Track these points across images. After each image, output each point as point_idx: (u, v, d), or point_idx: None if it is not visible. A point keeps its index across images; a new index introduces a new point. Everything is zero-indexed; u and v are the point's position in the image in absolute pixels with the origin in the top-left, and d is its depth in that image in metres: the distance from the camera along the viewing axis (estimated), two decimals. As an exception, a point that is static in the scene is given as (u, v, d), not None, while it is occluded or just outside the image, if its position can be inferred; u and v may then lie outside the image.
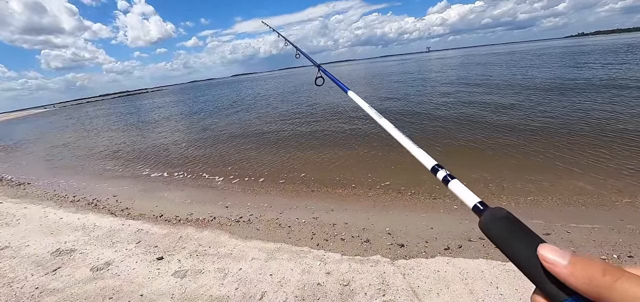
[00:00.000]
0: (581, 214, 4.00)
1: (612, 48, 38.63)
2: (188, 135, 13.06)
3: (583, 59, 26.31)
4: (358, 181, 5.78)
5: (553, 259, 0.32)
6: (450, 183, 0.53)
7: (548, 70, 20.30)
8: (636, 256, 3.07)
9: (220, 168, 7.75)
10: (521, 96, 12.15)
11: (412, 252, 3.31)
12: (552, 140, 6.82)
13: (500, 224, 0.40)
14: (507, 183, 5.09)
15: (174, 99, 47.38)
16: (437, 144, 7.64)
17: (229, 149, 9.63)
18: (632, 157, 5.42)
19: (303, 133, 10.41)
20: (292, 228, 4.12)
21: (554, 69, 20.61)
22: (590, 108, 9.08)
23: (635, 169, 5.00)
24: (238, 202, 5.39)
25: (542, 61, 28.79)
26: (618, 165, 5.22)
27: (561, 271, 0.31)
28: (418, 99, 14.68)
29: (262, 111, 17.45)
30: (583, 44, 66.20)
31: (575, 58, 27.99)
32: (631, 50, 30.53)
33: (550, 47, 69.28)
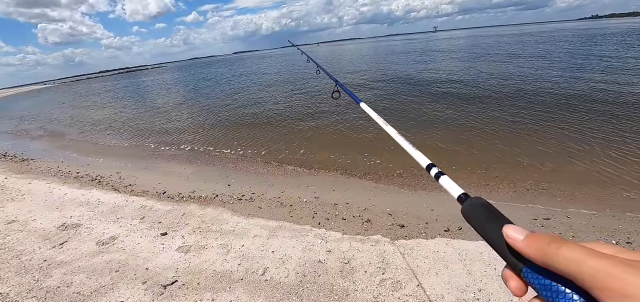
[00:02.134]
0: (583, 200, 4.02)
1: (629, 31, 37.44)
2: (190, 114, 13.00)
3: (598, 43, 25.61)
4: (360, 162, 5.79)
5: (513, 235, 0.37)
6: (441, 179, 0.63)
7: (562, 54, 19.82)
8: (634, 242, 3.10)
9: (222, 147, 7.76)
10: (527, 78, 11.94)
11: (412, 233, 3.35)
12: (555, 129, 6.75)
13: (478, 210, 0.47)
14: (504, 168, 5.09)
15: (175, 76, 46.89)
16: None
17: (231, 127, 9.62)
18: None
19: (304, 113, 10.34)
20: (293, 207, 4.16)
21: (570, 54, 20.12)
22: (599, 98, 8.92)
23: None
24: (240, 181, 5.43)
25: (556, 47, 28.06)
26: (622, 153, 5.18)
27: (519, 245, 0.36)
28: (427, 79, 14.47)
29: (263, 90, 17.29)
30: (598, 27, 64.14)
31: (591, 41, 27.24)
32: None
33: (565, 29, 67.29)
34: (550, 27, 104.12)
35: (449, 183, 0.60)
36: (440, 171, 0.66)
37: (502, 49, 27.00)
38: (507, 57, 20.54)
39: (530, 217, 3.64)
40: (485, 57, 21.57)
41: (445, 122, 7.87)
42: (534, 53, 21.39)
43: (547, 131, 6.40)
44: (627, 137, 5.62)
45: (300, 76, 22.47)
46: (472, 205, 0.49)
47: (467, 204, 0.49)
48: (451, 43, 48.58)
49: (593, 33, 39.41)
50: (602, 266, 0.27)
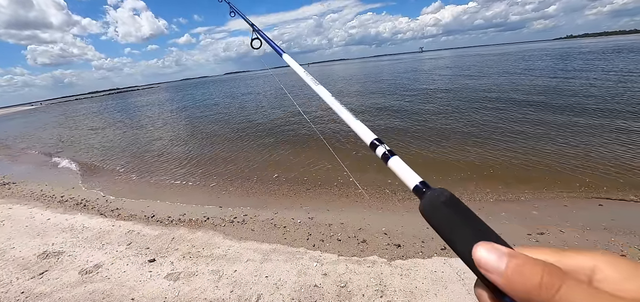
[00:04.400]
0: (574, 212, 4.05)
1: (603, 50, 39.41)
2: (180, 135, 12.86)
3: (578, 59, 26.80)
4: (353, 181, 5.75)
5: (489, 264, 0.27)
6: (390, 160, 0.47)
7: (542, 72, 20.61)
8: (628, 254, 3.11)
9: (213, 168, 7.64)
10: (518, 95, 12.30)
11: (409, 253, 3.29)
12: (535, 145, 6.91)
13: (442, 209, 0.35)
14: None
15: (167, 96, 46.71)
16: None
17: (222, 148, 9.52)
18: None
19: (297, 133, 10.35)
20: (287, 229, 4.07)
21: (550, 71, 20.94)
22: (584, 110, 9.23)
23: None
24: (232, 203, 5.31)
25: (537, 64, 29.21)
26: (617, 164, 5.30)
27: (498, 281, 0.27)
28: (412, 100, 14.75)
29: (254, 110, 17.31)
30: (573, 46, 67.51)
31: (571, 59, 28.49)
32: (623, 51, 31.22)
33: (543, 49, 70.50)
34: (529, 47, 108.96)
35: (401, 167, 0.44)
36: (389, 151, 0.48)
37: (491, 68, 27.94)
38: (501, 73, 21.22)
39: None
40: (484, 75, 22.24)
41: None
42: (517, 70, 22.20)
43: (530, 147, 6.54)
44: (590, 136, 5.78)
45: (288, 97, 22.61)
46: (436, 201, 0.36)
47: (428, 200, 0.37)
48: (438, 63, 50.10)
49: (569, 52, 41.37)
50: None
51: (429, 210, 0.36)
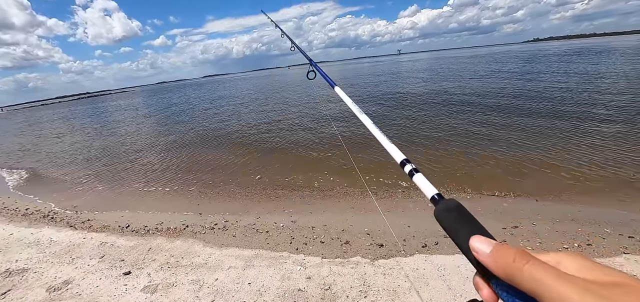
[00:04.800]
0: (546, 206, 4.27)
1: (567, 52, 42.04)
2: (155, 140, 12.40)
3: (547, 61, 28.38)
4: (335, 182, 5.78)
5: (479, 248, 0.37)
6: (414, 176, 0.59)
7: (512, 73, 21.65)
8: (593, 243, 3.31)
9: (191, 174, 7.42)
10: (492, 98, 12.84)
11: (391, 252, 3.34)
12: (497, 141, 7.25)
13: (450, 214, 0.45)
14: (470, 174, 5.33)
15: (141, 101, 44.93)
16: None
17: (201, 153, 9.27)
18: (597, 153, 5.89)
19: (278, 136, 10.27)
20: (270, 233, 4.01)
21: (523, 71, 22.02)
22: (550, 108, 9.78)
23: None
24: (212, 209, 5.18)
25: (510, 65, 30.64)
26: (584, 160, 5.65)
27: (485, 260, 0.36)
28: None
29: (234, 113, 17.02)
30: (540, 49, 71.63)
31: (542, 60, 30.12)
32: (583, 54, 33.43)
33: (512, 51, 74.15)
34: (499, 50, 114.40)
35: (423, 182, 0.56)
36: (415, 168, 0.61)
37: (464, 70, 29.02)
38: (479, 76, 22.07)
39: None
40: (463, 78, 23.00)
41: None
42: (487, 71, 23.24)
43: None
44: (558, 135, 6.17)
45: (270, 97, 22.48)
46: (446, 208, 0.46)
47: (441, 207, 0.47)
48: (414, 65, 51.48)
49: (536, 54, 43.87)
50: (563, 290, 0.28)
51: (442, 215, 0.46)
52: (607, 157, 5.69)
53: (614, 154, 5.81)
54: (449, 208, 0.46)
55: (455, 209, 0.45)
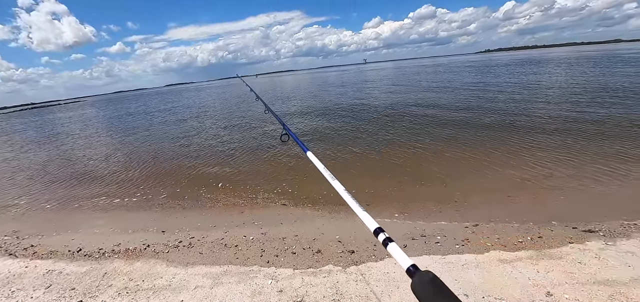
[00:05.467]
0: (501, 206, 4.60)
1: (513, 62, 46.25)
2: (110, 152, 11.50)
3: (497, 70, 30.92)
4: (306, 191, 5.76)
5: None
6: (389, 246, 0.60)
7: (466, 80, 23.27)
8: (544, 235, 3.62)
9: (152, 188, 6.98)
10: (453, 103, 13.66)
11: (362, 258, 3.38)
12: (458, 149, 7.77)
13: (427, 288, 0.45)
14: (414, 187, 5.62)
15: (94, 112, 41.51)
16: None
17: (163, 165, 8.77)
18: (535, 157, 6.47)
19: (243, 144, 10.04)
20: (239, 247, 3.88)
21: (481, 78, 23.72)
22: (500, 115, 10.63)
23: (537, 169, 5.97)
24: (176, 225, 4.89)
25: (463, 73, 32.91)
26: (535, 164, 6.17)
27: None
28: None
29: (198, 122, 16.37)
30: (491, 59, 78.30)
31: (494, 69, 32.72)
32: (526, 63, 37.01)
33: (466, 61, 79.98)
34: (456, 59, 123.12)
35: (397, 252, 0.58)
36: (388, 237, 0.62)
37: (430, 78, 30.65)
38: (440, 85, 23.34)
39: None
40: (427, 87, 24.14)
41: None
42: (447, 80, 24.81)
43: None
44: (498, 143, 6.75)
45: (236, 105, 21.98)
46: (421, 281, 0.47)
47: (417, 279, 0.48)
48: (378, 74, 53.48)
49: (487, 64, 47.87)
50: None
51: (418, 288, 0.46)
52: (550, 159, 6.30)
53: (554, 156, 6.45)
54: (424, 282, 0.46)
55: (430, 283, 0.46)
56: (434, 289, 0.44)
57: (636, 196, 4.43)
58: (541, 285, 2.62)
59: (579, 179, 5.24)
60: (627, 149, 6.35)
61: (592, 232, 3.56)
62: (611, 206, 4.25)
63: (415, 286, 0.47)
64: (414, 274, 0.50)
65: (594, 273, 2.72)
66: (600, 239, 3.34)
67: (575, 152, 6.43)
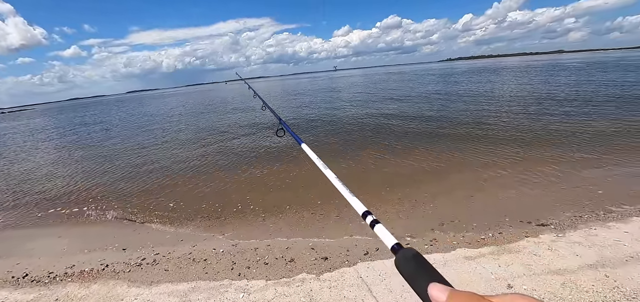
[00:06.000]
0: (463, 205, 4.85)
1: (471, 70, 49.47)
2: (64, 165, 10.55)
3: (458, 78, 32.85)
4: (277, 199, 5.68)
5: (436, 295, 0.41)
6: (375, 227, 0.63)
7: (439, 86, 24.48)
8: (503, 231, 3.87)
9: (111, 202, 6.49)
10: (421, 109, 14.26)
11: (335, 264, 3.38)
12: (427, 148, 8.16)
13: (409, 263, 0.48)
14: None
15: (44, 121, 37.90)
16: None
17: (123, 177, 8.19)
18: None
19: (212, 153, 9.71)
20: (208, 261, 3.71)
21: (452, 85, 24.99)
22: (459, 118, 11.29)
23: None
24: (139, 242, 4.58)
25: (428, 79, 34.58)
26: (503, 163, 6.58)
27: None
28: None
29: (162, 131, 15.59)
30: (452, 67, 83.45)
31: (455, 77, 34.71)
32: (483, 72, 39.79)
33: (432, 69, 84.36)
34: (420, 67, 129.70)
35: (383, 232, 0.61)
36: (375, 219, 0.66)
37: (396, 86, 31.78)
38: (411, 92, 24.22)
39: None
40: (395, 92, 24.90)
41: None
42: (411, 87, 25.95)
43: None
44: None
45: (206, 115, 21.27)
46: (404, 257, 0.50)
47: (400, 256, 0.50)
48: (350, 80, 54.66)
49: (449, 72, 50.90)
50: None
51: (401, 264, 0.49)
52: (503, 162, 6.79)
53: (507, 159, 6.96)
54: (407, 257, 0.49)
55: (412, 258, 0.48)
56: (415, 263, 0.47)
57: (581, 193, 4.89)
58: (503, 278, 2.79)
59: (529, 179, 5.69)
60: (567, 152, 7.02)
61: (545, 226, 3.87)
62: (560, 201, 4.65)
63: (398, 262, 0.50)
64: (398, 251, 0.52)
65: (548, 264, 2.94)
66: (552, 232, 3.63)
67: (525, 156, 7.00)
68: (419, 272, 0.46)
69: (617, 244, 3.18)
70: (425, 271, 0.46)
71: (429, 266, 0.47)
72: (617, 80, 20.21)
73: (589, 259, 2.96)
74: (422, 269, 0.46)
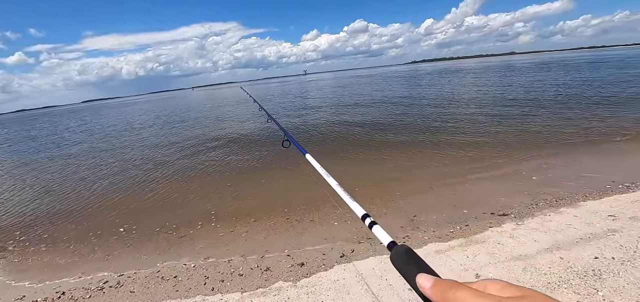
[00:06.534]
0: (432, 199, 5.06)
1: (434, 71, 52.06)
2: (8, 185, 9.51)
3: (422, 80, 34.33)
4: (249, 207, 5.54)
5: (422, 283, 0.46)
6: (373, 227, 0.70)
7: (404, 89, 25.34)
8: (470, 223, 4.07)
9: (64, 222, 5.91)
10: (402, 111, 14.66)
11: (312, 269, 3.36)
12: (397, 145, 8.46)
13: (402, 257, 0.54)
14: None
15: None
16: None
17: (78, 193, 7.54)
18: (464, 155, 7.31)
19: (173, 162, 9.28)
20: (178, 278, 3.52)
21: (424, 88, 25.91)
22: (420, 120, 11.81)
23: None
24: (99, 264, 4.23)
25: (395, 82, 35.80)
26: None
27: (427, 293, 0.45)
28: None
29: (123, 140, 14.62)
30: (417, 69, 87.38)
31: (420, 78, 36.21)
32: (444, 73, 42.06)
33: (398, 71, 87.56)
34: (387, 70, 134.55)
35: (380, 232, 0.67)
36: (373, 221, 0.73)
37: (365, 90, 32.50)
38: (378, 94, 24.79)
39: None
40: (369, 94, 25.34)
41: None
42: (379, 90, 26.76)
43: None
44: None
45: (170, 122, 20.29)
46: (397, 252, 0.55)
47: (394, 252, 0.56)
48: (320, 83, 55.14)
49: (413, 74, 53.23)
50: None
51: (395, 258, 0.54)
52: (466, 158, 7.20)
53: (468, 155, 7.39)
54: (400, 252, 0.54)
55: (405, 253, 0.53)
56: (408, 258, 0.52)
57: (535, 184, 5.30)
58: (471, 269, 2.94)
59: (491, 174, 6.08)
60: (521, 149, 7.61)
61: (506, 215, 4.14)
62: (518, 192, 5.00)
63: (392, 257, 0.55)
64: (392, 248, 0.57)
65: (510, 251, 3.15)
66: (513, 221, 3.89)
67: (484, 151, 7.48)
68: (409, 264, 0.51)
69: (568, 228, 3.48)
70: (415, 263, 0.51)
71: (418, 258, 0.52)
72: (559, 79, 22.34)
73: (545, 243, 3.21)
74: (412, 261, 0.51)
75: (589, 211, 3.85)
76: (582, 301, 2.35)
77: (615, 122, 8.95)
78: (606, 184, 4.80)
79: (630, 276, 2.55)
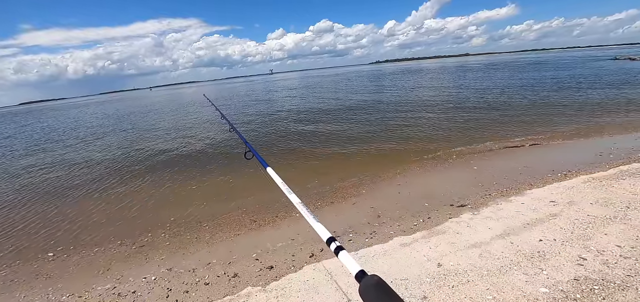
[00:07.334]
0: (394, 193, 5.25)
1: (397, 71, 54.15)
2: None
3: (386, 81, 35.46)
4: (213, 210, 5.34)
5: None
6: (340, 253, 0.65)
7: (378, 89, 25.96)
8: (432, 215, 4.28)
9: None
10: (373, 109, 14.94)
11: (281, 271, 3.32)
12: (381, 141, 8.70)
13: (371, 291, 0.50)
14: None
15: None
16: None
17: (9, 209, 6.73)
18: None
19: (124, 169, 8.67)
20: (138, 293, 3.29)
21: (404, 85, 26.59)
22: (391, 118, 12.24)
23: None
24: (40, 288, 3.79)
25: (365, 81, 36.58)
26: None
27: None
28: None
29: (64, 146, 13.32)
30: (380, 69, 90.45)
31: (383, 77, 37.34)
32: (406, 72, 43.96)
33: (363, 71, 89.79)
34: (352, 69, 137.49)
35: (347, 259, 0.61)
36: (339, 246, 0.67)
37: (337, 85, 32.81)
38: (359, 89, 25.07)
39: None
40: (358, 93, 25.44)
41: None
42: (344, 89, 27.27)
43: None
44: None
45: (119, 126, 18.90)
46: (367, 285, 0.51)
47: (363, 283, 0.52)
48: (286, 83, 54.75)
49: (377, 73, 55.01)
50: None
51: (364, 291, 0.50)
52: (424, 151, 7.58)
53: (426, 150, 7.80)
54: (370, 285, 0.50)
55: (374, 286, 0.49)
56: (377, 292, 0.48)
57: (487, 176, 5.73)
58: (433, 259, 3.09)
59: (449, 168, 6.46)
60: (483, 142, 8.18)
61: (463, 206, 4.42)
62: (473, 184, 5.37)
63: (361, 290, 0.51)
64: (361, 279, 0.53)
65: (468, 239, 3.36)
66: (469, 211, 4.16)
67: (441, 148, 7.95)
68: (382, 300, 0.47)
69: (517, 215, 3.80)
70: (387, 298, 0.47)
71: (390, 292, 0.48)
72: (509, 79, 24.43)
73: (498, 230, 3.47)
74: (386, 296, 0.47)
75: (534, 198, 4.24)
76: (529, 280, 2.58)
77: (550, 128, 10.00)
78: (547, 173, 5.33)
79: (568, 254, 2.85)
